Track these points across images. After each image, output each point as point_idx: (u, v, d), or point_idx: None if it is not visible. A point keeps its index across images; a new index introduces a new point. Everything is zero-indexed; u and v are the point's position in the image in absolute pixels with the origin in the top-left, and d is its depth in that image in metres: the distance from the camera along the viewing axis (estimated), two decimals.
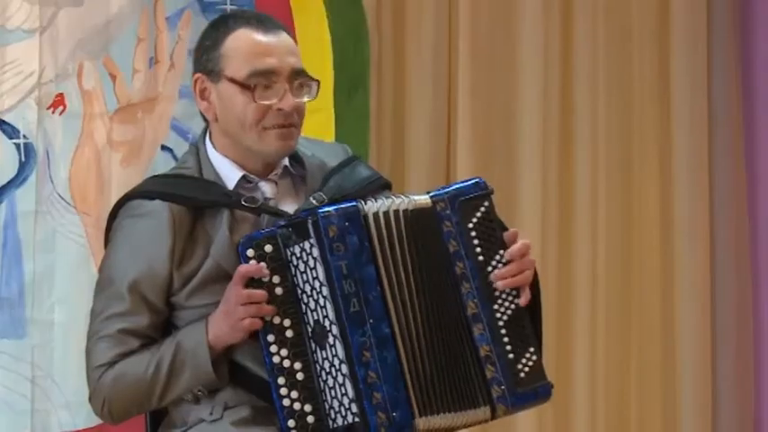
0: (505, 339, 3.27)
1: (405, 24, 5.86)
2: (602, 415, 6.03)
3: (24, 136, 5.18)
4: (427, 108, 5.84)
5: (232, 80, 3.25)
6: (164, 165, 4.94)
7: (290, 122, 3.29)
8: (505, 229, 3.29)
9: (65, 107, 5.24)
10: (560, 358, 5.92)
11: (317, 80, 3.38)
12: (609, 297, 6.06)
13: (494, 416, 3.24)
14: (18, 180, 5.19)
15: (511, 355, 3.26)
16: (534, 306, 3.33)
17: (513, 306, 3.27)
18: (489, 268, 3.27)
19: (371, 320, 3.12)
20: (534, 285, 3.33)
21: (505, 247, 3.24)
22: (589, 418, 6.01)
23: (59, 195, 5.23)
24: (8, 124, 5.14)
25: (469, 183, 3.32)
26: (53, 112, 5.24)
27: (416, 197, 3.26)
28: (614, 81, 6.13)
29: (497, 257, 3.25)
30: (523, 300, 3.24)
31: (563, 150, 6.05)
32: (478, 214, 3.24)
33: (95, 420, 4.67)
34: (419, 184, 5.49)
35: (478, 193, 3.27)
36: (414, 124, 5.84)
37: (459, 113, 5.88)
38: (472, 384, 3.21)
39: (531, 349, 3.27)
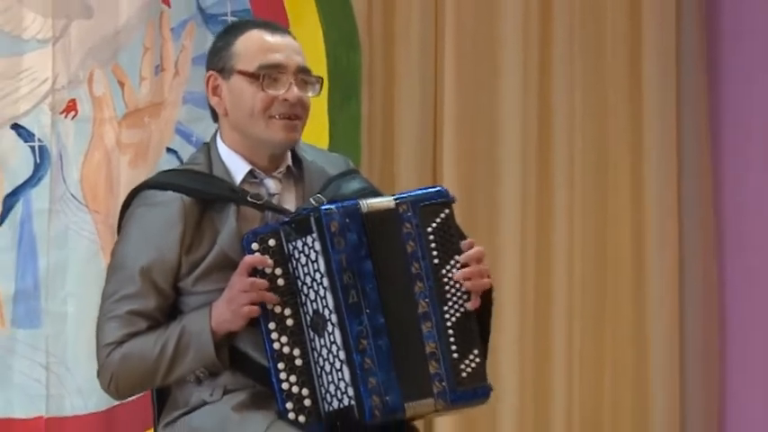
0: (451, 339, 3.38)
1: (394, 36, 5.99)
2: (577, 410, 6.18)
3: (39, 139, 5.30)
4: (415, 114, 5.98)
5: (242, 72, 3.41)
6: (169, 166, 5.11)
7: (295, 114, 3.44)
8: (464, 237, 3.42)
9: (77, 112, 5.37)
10: (539, 357, 6.08)
11: (321, 78, 3.56)
12: (584, 298, 6.24)
13: (435, 409, 3.38)
14: (33, 180, 5.31)
15: (455, 355, 3.37)
16: (485, 313, 3.46)
17: (462, 309, 3.39)
18: (444, 271, 3.39)
19: (368, 310, 3.25)
20: (488, 294, 3.46)
21: (461, 254, 3.37)
22: (566, 412, 6.17)
23: (72, 195, 5.35)
24: (24, 128, 5.26)
25: (432, 190, 3.48)
26: (66, 117, 5.36)
27: (381, 199, 3.42)
28: (590, 90, 6.28)
29: (452, 262, 3.38)
30: (472, 304, 3.36)
31: (542, 155, 6.21)
32: (438, 220, 3.37)
33: (106, 404, 5.09)
34: (408, 187, 5.40)
35: (440, 201, 3.42)
36: (402, 130, 5.98)
37: (444, 120, 6.03)
38: (419, 378, 3.34)
39: (476, 351, 3.39)
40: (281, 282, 3.29)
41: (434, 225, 3.39)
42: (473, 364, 3.37)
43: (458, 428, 5.91)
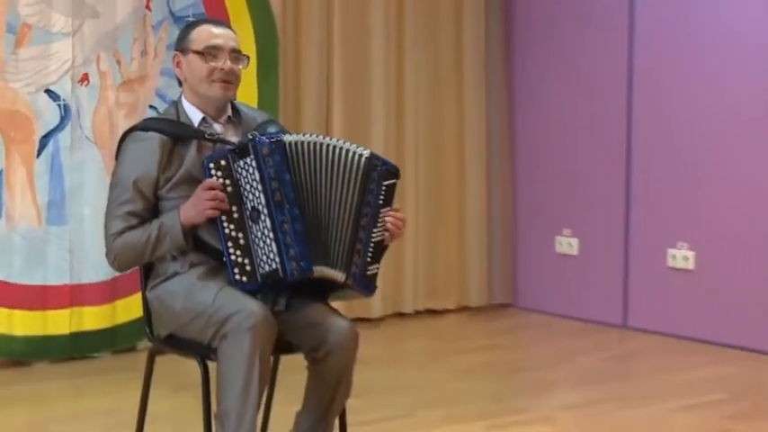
0: (371, 249, 3.83)
1: (300, 31, 7.04)
2: (422, 253, 7.36)
3: (63, 99, 6.12)
4: (314, 83, 7.04)
5: (195, 51, 3.88)
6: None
7: (229, 79, 3.88)
8: (394, 202, 3.89)
9: (89, 81, 6.21)
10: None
11: (248, 56, 3.99)
12: (426, 195, 7.44)
13: (344, 282, 3.79)
14: (60, 127, 6.14)
15: (369, 258, 3.83)
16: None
17: (382, 237, 3.86)
18: (382, 211, 3.83)
19: (288, 206, 3.68)
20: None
21: (390, 207, 3.85)
22: (413, 257, 7.30)
23: (86, 137, 6.21)
24: (53, 92, 6.09)
25: (393, 165, 3.91)
26: (81, 85, 6.19)
27: (361, 148, 3.81)
28: (429, 62, 7.43)
29: (386, 209, 3.84)
30: (387, 240, 3.88)
31: (398, 108, 7.35)
32: (389, 182, 3.85)
33: (110, 275, 6.12)
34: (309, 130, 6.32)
35: (395, 172, 3.89)
36: (305, 94, 7.04)
37: (334, 86, 7.10)
38: (343, 256, 3.77)
39: (378, 265, 3.87)
40: (229, 189, 3.71)
41: (387, 183, 3.85)
42: (375, 270, 3.86)
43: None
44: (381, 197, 3.85)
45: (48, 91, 6.15)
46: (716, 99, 6.64)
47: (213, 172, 3.73)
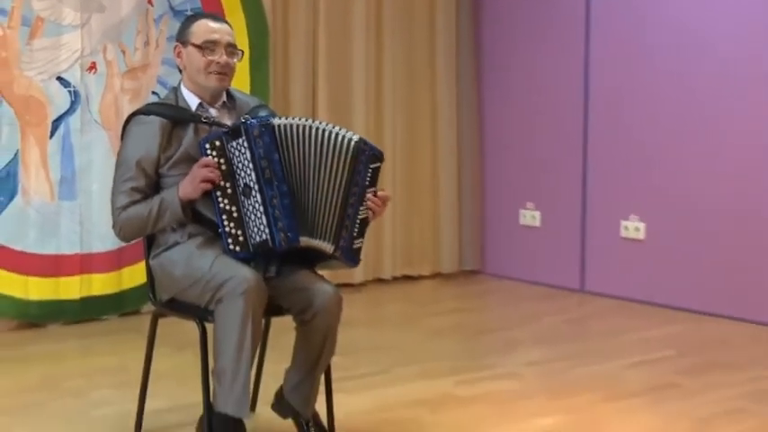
0: (357, 226, 3.82)
1: (288, 26, 6.98)
2: (399, 225, 7.37)
3: (73, 86, 6.11)
4: (300, 72, 6.98)
5: (194, 44, 3.85)
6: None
7: (224, 71, 3.86)
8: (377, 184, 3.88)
9: (96, 69, 6.17)
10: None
11: (242, 51, 3.98)
12: (403, 166, 7.46)
13: (333, 253, 3.78)
14: (70, 111, 6.11)
15: (355, 233, 3.82)
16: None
17: (366, 215, 3.85)
18: (368, 192, 3.82)
19: (276, 182, 3.66)
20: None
21: (375, 188, 3.82)
22: (391, 228, 7.32)
23: (94, 120, 6.17)
24: (64, 79, 6.07)
25: (378, 150, 3.87)
26: (90, 73, 6.15)
27: (351, 133, 3.80)
28: (406, 52, 7.40)
29: (372, 190, 3.82)
30: (371, 218, 3.86)
31: (377, 95, 7.30)
32: (374, 166, 3.84)
33: (117, 246, 6.06)
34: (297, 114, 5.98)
35: (380, 156, 3.87)
36: (293, 81, 6.97)
37: (319, 75, 7.04)
38: (332, 230, 3.76)
39: (362, 239, 3.88)
40: (223, 167, 3.70)
41: (373, 167, 3.83)
42: (360, 245, 3.87)
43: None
44: (368, 179, 3.83)
45: (59, 78, 6.12)
46: (664, 88, 6.65)
47: (209, 151, 3.72)
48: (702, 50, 6.43)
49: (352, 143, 3.78)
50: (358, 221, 3.84)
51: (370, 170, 3.83)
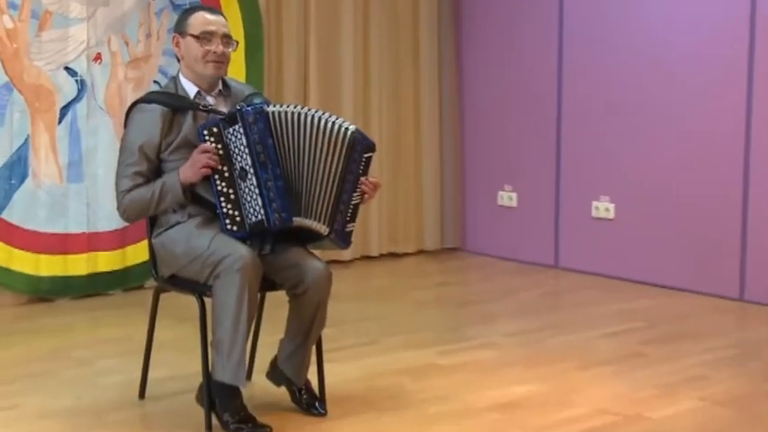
0: (351, 210, 3.82)
1: (281, 17, 6.89)
2: (385, 205, 7.28)
3: (80, 75, 6.09)
4: (293, 61, 6.92)
5: (192, 35, 3.84)
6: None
7: (221, 60, 3.85)
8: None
9: (101, 60, 6.14)
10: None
11: (237, 41, 3.99)
12: (388, 151, 7.41)
13: (328, 234, 3.78)
14: (77, 98, 6.09)
15: (348, 217, 3.83)
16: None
17: (359, 200, 3.85)
18: (361, 179, 3.81)
19: (270, 166, 3.65)
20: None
21: (367, 176, 3.82)
22: (378, 209, 7.23)
23: (99, 107, 6.16)
24: (71, 69, 6.04)
25: (372, 141, 3.88)
26: (95, 63, 6.13)
27: (347, 123, 3.78)
28: (390, 43, 7.35)
29: (364, 178, 3.81)
30: (363, 202, 3.87)
31: (365, 83, 7.26)
32: (368, 156, 3.83)
33: (121, 225, 6.00)
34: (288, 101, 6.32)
35: (372, 146, 3.86)
36: (286, 70, 6.92)
37: (310, 66, 6.97)
38: (327, 213, 3.75)
39: (354, 223, 3.87)
40: (221, 152, 3.71)
41: (367, 155, 3.81)
42: (352, 228, 3.87)
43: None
44: (362, 167, 3.82)
45: (66, 68, 6.10)
46: (630, 81, 6.65)
47: (206, 137, 3.71)
48: (662, 46, 6.44)
49: (349, 133, 3.76)
50: (351, 206, 3.83)
51: (363, 159, 3.82)
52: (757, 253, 6.07)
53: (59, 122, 6.07)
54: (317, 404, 4.05)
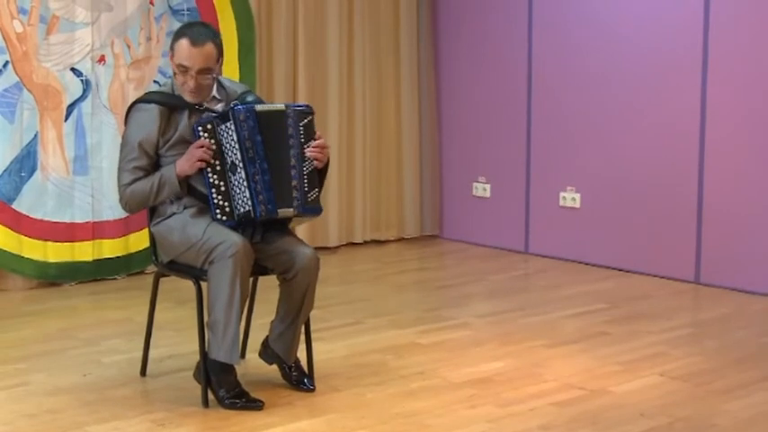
0: (305, 180, 3.77)
1: (271, 23, 6.83)
2: (369, 195, 7.31)
3: (85, 75, 6.04)
4: (282, 63, 6.84)
5: (173, 62, 3.81)
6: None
7: (195, 91, 3.75)
8: (315, 133, 3.85)
9: (105, 61, 6.11)
10: (345, 157, 7.12)
11: (218, 68, 3.80)
12: (371, 143, 7.37)
13: (295, 214, 3.78)
14: (83, 97, 6.05)
15: (306, 188, 3.78)
16: (324, 171, 3.87)
17: (311, 167, 3.81)
18: (306, 146, 3.81)
19: (258, 161, 3.69)
20: (326, 163, 3.87)
21: (315, 140, 3.80)
22: (362, 199, 7.32)
23: (103, 105, 6.11)
24: (77, 70, 6.00)
25: (304, 105, 3.88)
26: (99, 64, 6.09)
27: (280, 105, 3.81)
28: (373, 40, 7.27)
29: (310, 143, 3.80)
30: (318, 165, 3.81)
31: (349, 81, 7.20)
32: (305, 121, 3.81)
33: (123, 215, 5.89)
34: (280, 100, 6.37)
35: (308, 110, 3.86)
36: (276, 71, 6.84)
37: (299, 65, 6.91)
38: (289, 195, 3.74)
39: (316, 189, 3.82)
40: (214, 147, 3.72)
41: (304, 123, 3.79)
42: (314, 195, 3.82)
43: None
44: (302, 136, 3.79)
45: (73, 69, 6.06)
46: (594, 77, 6.61)
47: (201, 133, 3.72)
48: (622, 44, 6.41)
49: (280, 113, 3.77)
50: (305, 177, 3.79)
51: (301, 128, 3.78)
52: (711, 238, 6.06)
53: (66, 119, 6.02)
54: (305, 380, 4.03)
